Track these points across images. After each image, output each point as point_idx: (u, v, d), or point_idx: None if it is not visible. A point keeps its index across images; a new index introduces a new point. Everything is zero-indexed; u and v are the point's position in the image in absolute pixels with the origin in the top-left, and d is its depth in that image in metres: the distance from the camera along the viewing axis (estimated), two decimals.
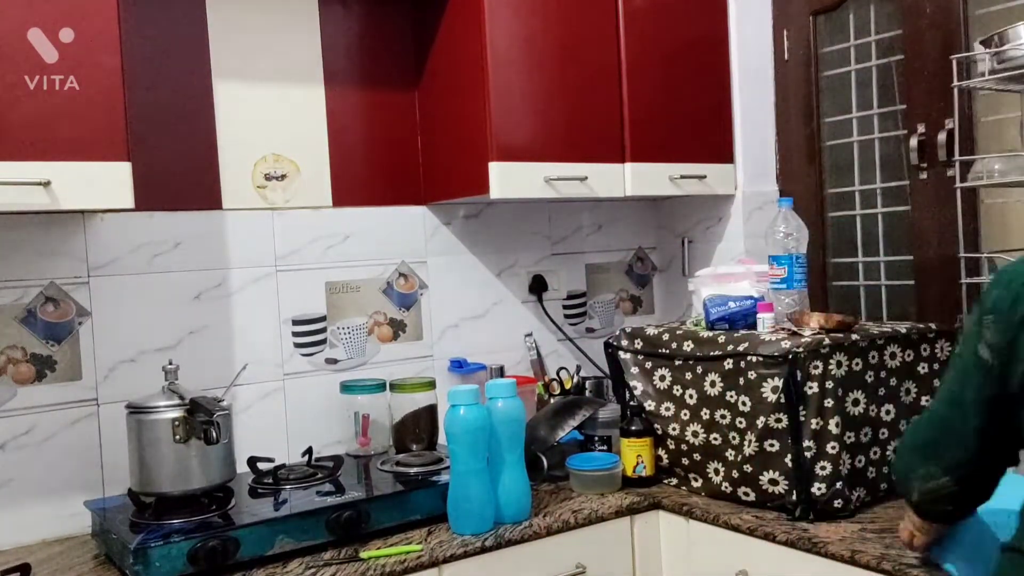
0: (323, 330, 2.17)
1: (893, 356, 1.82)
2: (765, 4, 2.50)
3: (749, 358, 1.78)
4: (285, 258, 2.12)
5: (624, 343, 2.06)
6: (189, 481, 1.67)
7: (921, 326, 1.89)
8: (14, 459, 1.79)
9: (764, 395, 1.75)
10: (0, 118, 1.48)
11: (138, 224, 1.93)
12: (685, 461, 1.94)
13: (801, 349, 1.71)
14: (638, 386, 2.01)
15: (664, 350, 1.96)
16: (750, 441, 1.78)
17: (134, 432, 1.68)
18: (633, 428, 1.97)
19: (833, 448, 1.70)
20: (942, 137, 2.10)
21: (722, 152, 2.44)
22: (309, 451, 1.97)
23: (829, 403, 1.70)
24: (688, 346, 1.91)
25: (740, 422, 1.80)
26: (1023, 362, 1.13)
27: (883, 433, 1.79)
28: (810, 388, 1.70)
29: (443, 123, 2.22)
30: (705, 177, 2.37)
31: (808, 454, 1.70)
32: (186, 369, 1.82)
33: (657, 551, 1.92)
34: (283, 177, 2.13)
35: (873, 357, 1.78)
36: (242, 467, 1.85)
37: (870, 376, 1.77)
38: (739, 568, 1.74)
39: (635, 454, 1.96)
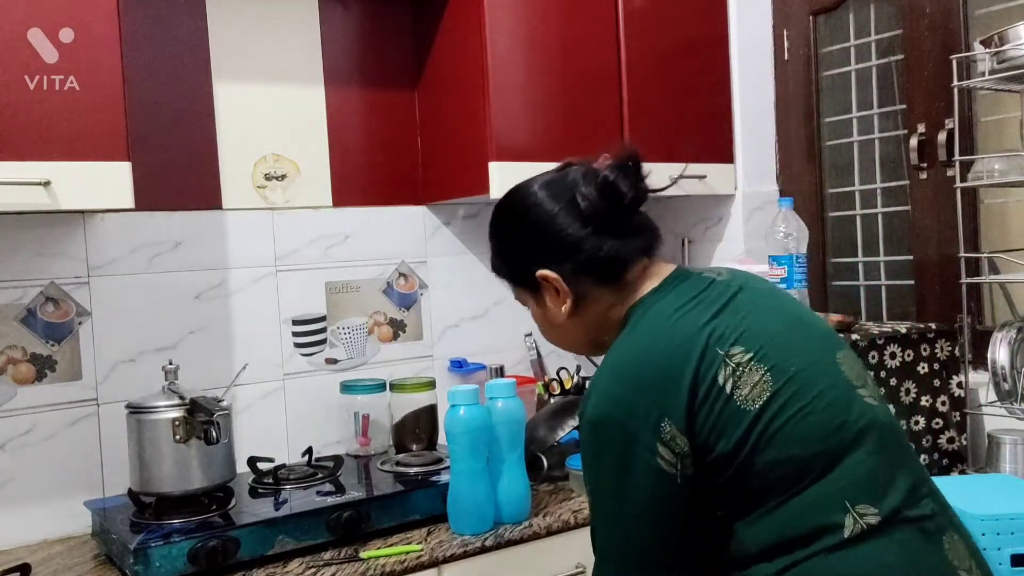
0: (323, 330, 2.17)
1: (893, 356, 1.82)
2: (765, 4, 2.50)
3: None
4: (285, 258, 2.12)
5: None
6: (189, 481, 1.66)
7: (921, 326, 1.89)
8: (14, 459, 1.79)
9: None
10: (0, 118, 1.48)
11: (138, 224, 1.93)
12: None
13: None
14: None
15: None
16: None
17: (134, 432, 1.68)
18: None
19: None
20: (942, 137, 2.10)
21: (722, 152, 2.44)
22: (309, 451, 1.97)
23: None
24: None
25: None
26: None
27: None
28: None
29: (443, 123, 2.22)
30: (705, 177, 2.37)
31: None
32: (186, 369, 1.81)
33: None
34: (283, 177, 2.13)
35: (873, 357, 1.78)
36: (242, 467, 1.84)
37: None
38: None
39: None
